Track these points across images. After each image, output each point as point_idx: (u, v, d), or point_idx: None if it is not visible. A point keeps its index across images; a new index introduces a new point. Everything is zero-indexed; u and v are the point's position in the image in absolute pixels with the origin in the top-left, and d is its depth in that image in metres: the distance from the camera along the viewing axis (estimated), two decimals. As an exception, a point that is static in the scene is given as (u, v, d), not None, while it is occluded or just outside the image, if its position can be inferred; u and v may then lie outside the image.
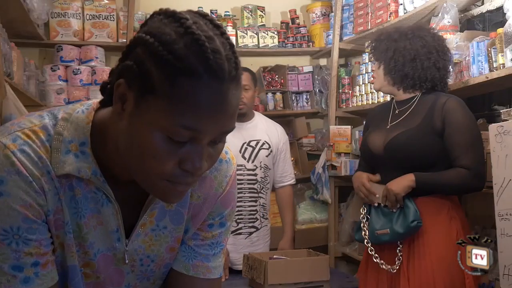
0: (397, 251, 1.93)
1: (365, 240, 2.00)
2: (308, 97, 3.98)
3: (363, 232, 2.01)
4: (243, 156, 2.71)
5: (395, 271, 1.93)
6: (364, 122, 2.38)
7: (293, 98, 3.93)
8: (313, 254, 2.55)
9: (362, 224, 2.02)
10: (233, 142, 2.72)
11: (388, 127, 2.04)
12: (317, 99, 3.90)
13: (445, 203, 1.91)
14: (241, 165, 2.69)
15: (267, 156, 2.75)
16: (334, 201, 3.49)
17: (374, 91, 3.09)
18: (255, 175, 2.71)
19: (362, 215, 2.04)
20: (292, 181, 2.90)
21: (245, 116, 2.76)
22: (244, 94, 2.71)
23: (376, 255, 1.97)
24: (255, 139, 2.74)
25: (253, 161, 2.71)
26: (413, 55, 1.93)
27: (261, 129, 2.79)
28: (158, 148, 0.72)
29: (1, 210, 0.76)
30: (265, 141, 2.76)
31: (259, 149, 2.73)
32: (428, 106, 1.93)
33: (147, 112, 0.72)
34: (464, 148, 1.85)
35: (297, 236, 2.90)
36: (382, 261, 1.96)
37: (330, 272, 2.42)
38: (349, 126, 3.37)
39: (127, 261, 0.89)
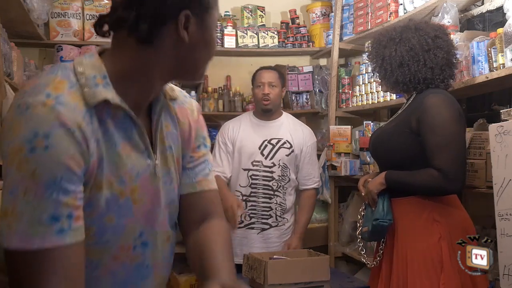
0: (379, 248, 1.98)
1: (358, 238, 2.08)
2: (308, 97, 3.97)
3: (357, 231, 2.07)
4: (261, 153, 2.71)
5: (372, 265, 2.01)
6: None
7: (293, 98, 3.93)
8: (313, 254, 2.54)
9: (358, 221, 2.08)
10: (253, 138, 2.73)
11: (383, 125, 2.10)
12: (317, 99, 3.90)
13: (426, 205, 1.86)
14: (258, 161, 2.70)
15: (287, 155, 2.73)
16: (334, 201, 3.49)
17: (375, 91, 3.10)
18: (272, 172, 2.70)
19: (359, 213, 2.09)
20: (316, 185, 2.86)
21: (271, 114, 2.76)
22: (270, 90, 2.72)
23: (363, 250, 2.12)
24: (277, 137, 2.74)
25: (271, 159, 2.70)
26: (399, 62, 1.92)
27: (286, 128, 2.78)
28: (215, 36, 1.01)
29: (47, 162, 0.81)
30: (287, 140, 2.75)
31: (279, 148, 2.73)
32: (413, 105, 1.93)
33: (209, 23, 0.97)
34: (436, 148, 1.79)
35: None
36: (365, 255, 2.10)
37: (330, 272, 2.42)
38: (349, 126, 3.37)
39: (158, 175, 1.00)
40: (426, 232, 1.84)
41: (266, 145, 2.72)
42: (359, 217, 2.09)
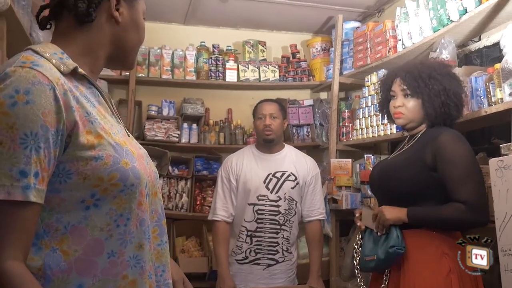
0: (383, 279, 1.92)
1: (356, 269, 2.02)
2: (308, 130, 4.00)
3: (355, 261, 2.02)
4: (266, 187, 2.68)
5: None
6: None
7: (294, 131, 3.96)
8: (315, 290, 2.51)
9: (354, 251, 2.04)
10: (257, 172, 2.70)
11: (389, 158, 2.08)
12: (318, 132, 3.92)
13: (434, 238, 1.83)
14: (264, 195, 2.67)
15: (292, 188, 2.70)
16: (335, 235, 3.46)
17: (375, 124, 3.11)
18: (278, 206, 2.67)
19: (355, 242, 2.05)
20: (320, 216, 2.80)
21: (273, 146, 2.76)
22: (271, 121, 2.72)
23: (362, 282, 2.01)
24: (281, 170, 2.72)
25: (276, 192, 2.67)
26: (459, 98, 1.93)
27: (289, 160, 2.76)
28: (143, 23, 1.14)
29: (27, 116, 0.86)
30: (291, 172, 2.72)
31: (284, 180, 2.70)
32: (425, 140, 1.93)
33: (137, 10, 1.11)
34: (458, 181, 1.79)
35: (298, 270, 2.85)
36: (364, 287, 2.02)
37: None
38: (350, 159, 3.37)
39: (130, 136, 1.11)
40: (435, 266, 1.80)
41: (271, 179, 2.70)
42: (355, 246, 2.04)
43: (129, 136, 1.10)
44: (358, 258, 2.02)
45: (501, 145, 1.86)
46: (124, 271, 0.96)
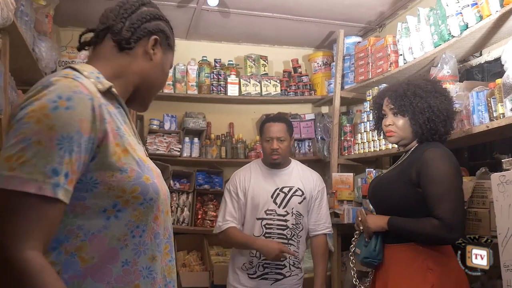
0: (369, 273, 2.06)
1: (352, 266, 2.15)
2: (310, 144, 4.00)
3: (351, 257, 2.16)
4: (274, 202, 2.68)
5: None
6: None
7: (296, 145, 3.95)
8: (317, 305, 2.49)
9: (351, 248, 2.17)
10: (265, 187, 2.71)
11: (382, 174, 2.15)
12: (319, 146, 3.92)
13: (420, 252, 1.87)
14: (272, 210, 2.67)
15: (299, 203, 2.70)
16: (337, 250, 3.45)
17: (376, 139, 3.11)
18: (286, 221, 2.67)
19: (353, 240, 2.18)
20: (327, 231, 2.79)
21: (280, 164, 2.77)
22: (279, 145, 2.71)
23: (355, 276, 2.16)
24: (288, 185, 2.72)
25: (284, 207, 2.68)
26: (445, 114, 1.97)
27: (296, 176, 2.77)
28: (168, 72, 1.27)
29: (66, 120, 0.92)
30: (298, 187, 2.73)
31: (292, 196, 2.70)
32: (413, 156, 1.98)
33: (168, 58, 1.24)
34: (436, 198, 1.82)
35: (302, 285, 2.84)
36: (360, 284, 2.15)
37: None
38: (351, 173, 3.36)
39: (148, 156, 1.17)
40: (419, 280, 1.83)
41: (278, 194, 2.70)
42: (352, 244, 2.17)
43: (147, 156, 1.16)
44: (353, 249, 2.14)
45: (503, 160, 1.86)
46: (137, 280, 1.02)
